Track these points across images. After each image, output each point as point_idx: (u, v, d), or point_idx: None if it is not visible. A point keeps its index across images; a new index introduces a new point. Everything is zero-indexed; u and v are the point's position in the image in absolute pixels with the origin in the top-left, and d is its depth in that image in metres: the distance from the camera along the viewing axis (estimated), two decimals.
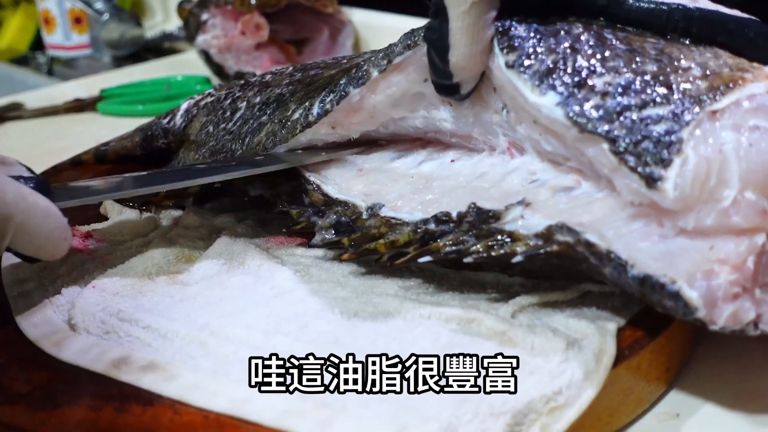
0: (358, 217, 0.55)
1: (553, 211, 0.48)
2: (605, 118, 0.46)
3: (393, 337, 0.47)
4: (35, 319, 0.52)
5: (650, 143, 0.44)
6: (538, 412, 0.42)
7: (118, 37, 1.37)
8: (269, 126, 0.63)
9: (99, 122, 1.04)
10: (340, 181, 0.58)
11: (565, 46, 0.49)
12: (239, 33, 1.06)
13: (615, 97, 0.46)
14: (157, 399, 0.45)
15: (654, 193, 0.44)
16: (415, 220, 0.52)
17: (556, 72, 0.48)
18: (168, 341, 0.49)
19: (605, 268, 0.45)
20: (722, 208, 0.43)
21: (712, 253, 0.43)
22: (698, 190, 0.43)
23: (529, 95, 0.49)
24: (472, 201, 0.51)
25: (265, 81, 0.69)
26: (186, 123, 0.72)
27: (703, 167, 0.43)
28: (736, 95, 0.44)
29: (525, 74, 0.49)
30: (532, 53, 0.49)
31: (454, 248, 0.49)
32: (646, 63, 0.47)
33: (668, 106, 0.45)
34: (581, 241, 0.46)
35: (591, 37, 0.49)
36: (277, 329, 0.48)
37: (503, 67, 0.50)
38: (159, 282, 0.55)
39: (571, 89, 0.47)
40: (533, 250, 0.47)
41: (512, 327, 0.46)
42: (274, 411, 0.42)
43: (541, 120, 0.49)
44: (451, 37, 0.50)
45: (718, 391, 0.48)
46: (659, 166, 0.44)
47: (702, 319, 0.42)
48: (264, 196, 0.59)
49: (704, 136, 0.43)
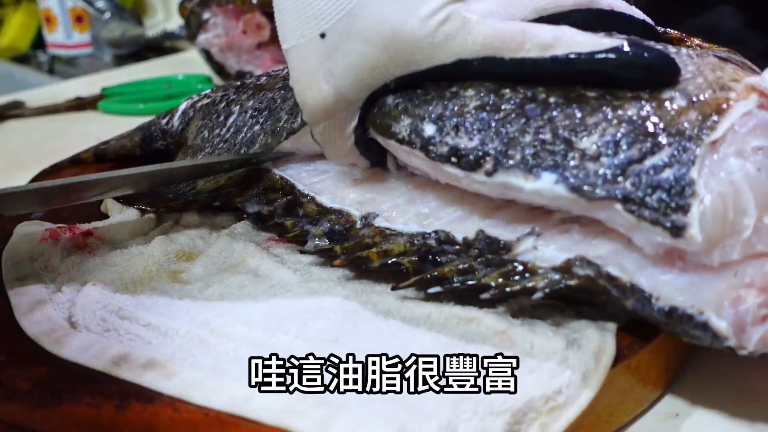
0: (351, 225, 0.55)
1: (567, 243, 0.47)
2: (609, 180, 0.44)
3: (393, 335, 0.47)
4: (35, 317, 0.52)
5: (663, 192, 0.43)
6: (537, 411, 0.42)
7: (119, 36, 1.37)
8: (262, 137, 0.63)
9: (100, 121, 1.04)
10: (335, 191, 0.58)
11: (537, 118, 0.47)
12: (240, 32, 1.06)
13: (611, 156, 0.44)
14: (157, 397, 0.45)
15: (680, 241, 0.43)
16: (411, 231, 0.52)
17: (541, 150, 0.46)
18: (168, 339, 0.49)
19: (628, 300, 0.44)
20: (745, 238, 0.42)
21: (737, 279, 0.42)
22: (721, 226, 0.42)
23: (524, 185, 0.47)
24: (474, 223, 0.50)
25: (259, 83, 0.69)
26: (183, 126, 0.72)
27: (719, 203, 0.42)
28: (729, 120, 0.44)
29: (512, 168, 0.47)
30: (509, 145, 0.47)
31: (466, 278, 0.48)
32: (625, 107, 0.45)
33: (668, 150, 0.44)
34: (602, 273, 0.45)
35: (555, 96, 0.47)
36: (277, 327, 0.48)
37: (485, 180, 0.48)
38: (159, 280, 0.55)
39: (563, 162, 0.46)
40: (554, 285, 0.46)
41: (512, 326, 0.46)
42: (274, 409, 0.42)
43: (543, 201, 0.48)
44: (319, 144, 0.56)
45: (717, 391, 0.48)
46: (679, 214, 0.42)
47: (731, 346, 0.42)
48: (261, 212, 0.59)
49: (712, 171, 0.43)
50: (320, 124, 0.54)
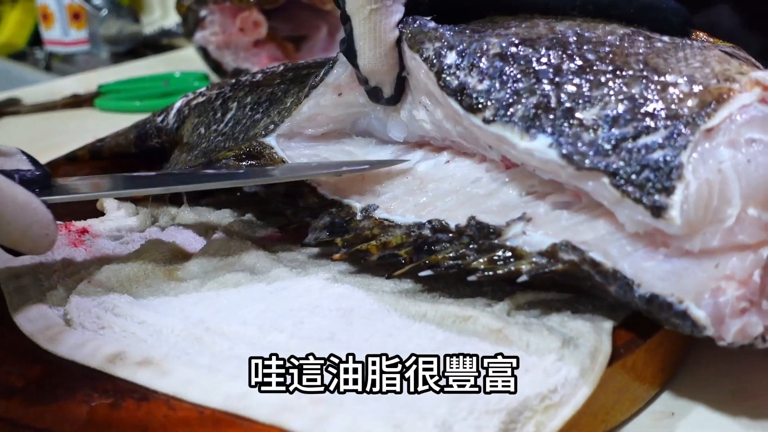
0: (352, 218, 0.55)
1: (555, 228, 0.48)
2: (601, 152, 0.45)
3: (389, 334, 0.47)
4: (31, 314, 0.52)
5: (651, 172, 0.44)
6: (533, 410, 0.42)
7: (116, 33, 1.37)
8: (265, 119, 0.62)
9: (96, 118, 1.04)
10: (336, 182, 0.58)
11: (546, 81, 0.48)
12: (238, 30, 1.06)
13: (607, 129, 0.45)
14: (152, 394, 0.45)
15: (660, 222, 0.43)
16: (408, 223, 0.52)
17: (542, 112, 0.47)
18: (163, 337, 0.49)
19: (611, 286, 0.45)
20: (727, 227, 0.43)
21: (718, 270, 0.43)
22: (702, 213, 0.43)
23: (518, 143, 0.48)
24: (468, 210, 0.50)
25: (255, 81, 0.69)
26: (178, 124, 0.72)
27: (705, 190, 0.43)
28: (727, 110, 0.44)
29: (510, 123, 0.48)
30: (513, 99, 0.48)
31: (456, 263, 0.49)
32: (631, 85, 0.46)
33: (663, 132, 0.44)
34: (586, 259, 0.45)
35: (569, 63, 0.48)
36: (272, 325, 0.48)
37: (482, 125, 0.49)
38: (155, 278, 0.55)
39: (560, 128, 0.46)
40: (538, 269, 0.46)
41: (508, 325, 0.46)
42: (270, 407, 0.42)
43: (533, 162, 0.48)
44: (356, 43, 0.54)
45: (713, 390, 0.48)
46: (662, 195, 0.43)
47: (711, 336, 0.42)
48: (258, 193, 0.59)
49: (702, 158, 0.43)
50: (366, 8, 0.53)
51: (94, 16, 1.37)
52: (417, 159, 0.58)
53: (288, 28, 1.12)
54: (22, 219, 0.48)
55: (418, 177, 0.57)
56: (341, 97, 0.58)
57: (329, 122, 0.60)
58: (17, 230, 0.48)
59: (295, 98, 0.61)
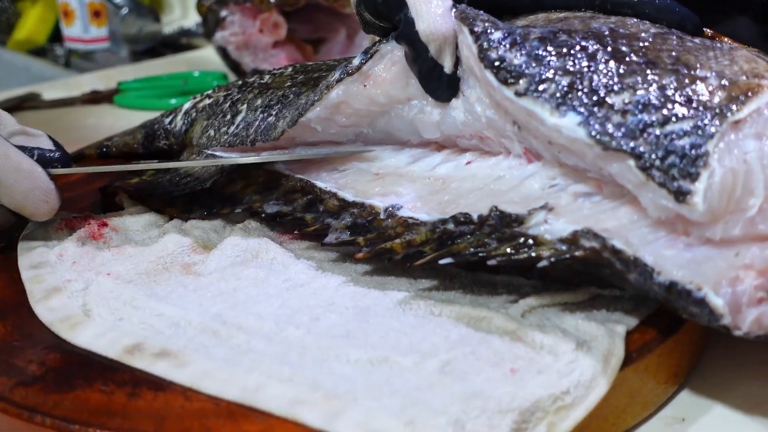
0: (375, 217, 0.55)
1: (577, 216, 0.48)
2: (629, 135, 0.46)
3: (404, 332, 0.47)
4: (50, 304, 0.53)
5: (677, 158, 0.44)
6: (545, 411, 0.42)
7: (136, 32, 1.38)
8: (281, 122, 0.62)
9: (115, 115, 1.04)
10: (356, 186, 0.58)
11: (580, 64, 0.49)
12: (257, 31, 1.07)
13: (636, 114, 0.46)
14: (168, 385, 0.45)
15: (683, 207, 0.44)
16: (433, 220, 0.52)
17: (573, 92, 0.48)
18: (181, 330, 0.49)
19: (630, 274, 0.45)
20: (749, 217, 0.43)
21: (738, 259, 0.43)
22: (725, 201, 0.43)
23: (548, 118, 0.48)
24: (490, 203, 0.51)
25: (264, 82, 0.69)
26: (186, 126, 0.72)
27: (729, 179, 0.43)
28: (756, 103, 0.45)
29: (541, 98, 0.49)
30: (546, 76, 0.49)
31: (477, 250, 0.49)
32: (662, 76, 0.47)
33: (691, 120, 0.45)
34: (607, 246, 0.46)
35: (603, 52, 0.49)
36: (289, 321, 0.49)
37: (513, 98, 0.50)
38: (173, 271, 0.56)
39: (591, 108, 0.47)
40: (559, 255, 0.47)
41: (522, 326, 0.46)
42: (283, 400, 0.43)
43: (560, 140, 0.49)
44: (412, 10, 0.54)
45: (724, 396, 0.48)
46: (687, 180, 0.44)
47: (727, 325, 0.43)
48: (281, 211, 0.59)
49: (728, 148, 0.44)
50: None
51: (114, 14, 1.38)
52: (437, 162, 0.58)
53: (307, 30, 1.12)
54: (25, 184, 0.56)
55: (440, 178, 0.57)
56: (366, 89, 0.58)
57: (351, 115, 0.59)
58: (20, 193, 0.57)
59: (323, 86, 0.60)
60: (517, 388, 0.42)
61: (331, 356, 0.46)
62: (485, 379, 0.43)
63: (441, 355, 0.45)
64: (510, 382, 0.43)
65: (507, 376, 0.43)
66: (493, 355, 0.45)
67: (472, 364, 0.44)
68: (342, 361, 0.45)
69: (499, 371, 0.44)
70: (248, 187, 0.63)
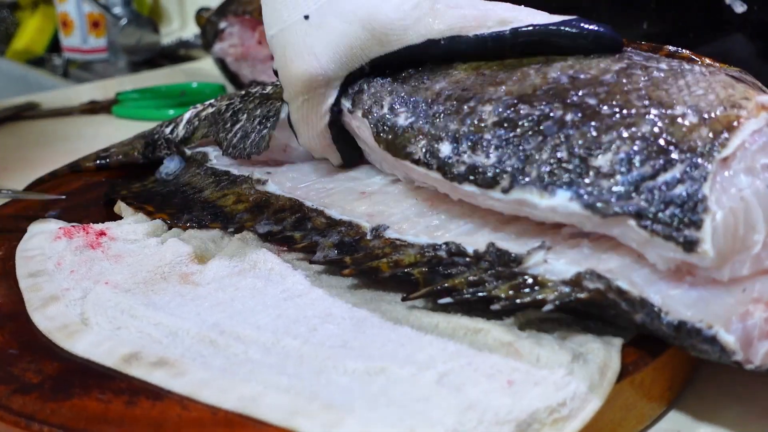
0: (361, 237, 0.55)
1: (577, 257, 0.48)
2: (623, 197, 0.45)
3: (401, 343, 0.47)
4: (48, 312, 0.53)
5: (676, 208, 0.43)
6: (541, 423, 0.42)
7: (134, 43, 1.38)
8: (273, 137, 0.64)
9: (113, 125, 1.05)
10: (344, 204, 0.58)
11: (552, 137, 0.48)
12: (256, 42, 1.07)
13: (624, 173, 0.45)
14: (166, 394, 0.45)
15: (693, 256, 0.43)
16: (421, 243, 0.52)
17: (555, 168, 0.47)
18: (178, 339, 0.49)
19: (637, 314, 0.45)
20: (755, 254, 0.43)
21: (746, 294, 0.43)
22: (731, 242, 0.43)
23: (539, 202, 0.47)
24: (485, 236, 0.51)
25: (266, 93, 0.70)
26: (189, 135, 0.73)
27: (731, 219, 0.43)
28: (740, 137, 0.44)
29: (528, 185, 0.48)
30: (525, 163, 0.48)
31: (477, 290, 0.48)
32: (639, 124, 0.46)
33: (680, 165, 0.44)
34: (612, 288, 0.45)
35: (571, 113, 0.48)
36: (286, 331, 0.49)
37: (502, 197, 0.49)
38: (171, 281, 0.56)
39: (577, 180, 0.46)
40: (564, 297, 0.46)
41: (519, 338, 0.46)
42: (281, 410, 0.43)
43: (557, 218, 0.48)
44: (293, 125, 0.61)
45: (719, 411, 0.48)
46: (692, 229, 0.43)
47: (739, 361, 0.42)
48: (272, 230, 0.59)
49: (723, 187, 0.43)
50: (299, 98, 0.58)
51: (113, 25, 1.38)
52: None
53: None
54: None
55: (428, 199, 0.57)
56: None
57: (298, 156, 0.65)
58: None
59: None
60: (513, 400, 0.42)
61: (328, 366, 0.46)
62: (482, 390, 0.43)
63: (438, 367, 0.45)
64: (507, 394, 0.43)
65: (504, 388, 0.43)
66: (490, 366, 0.45)
67: (469, 376, 0.44)
68: (339, 371, 0.46)
69: (496, 383, 0.44)
70: (239, 204, 0.63)
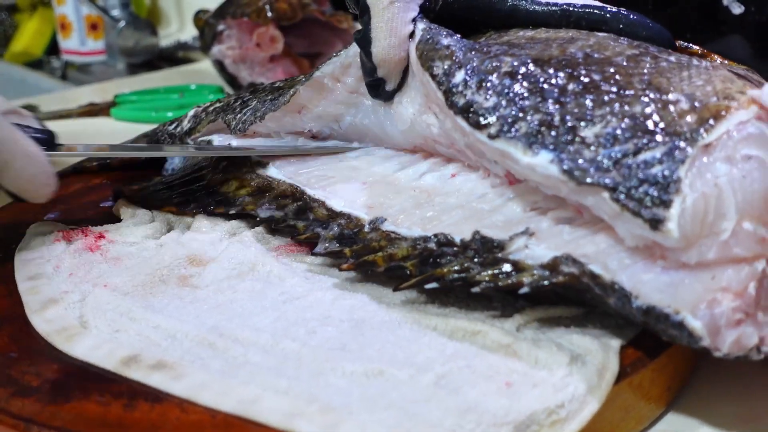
0: (360, 229, 0.56)
1: (557, 242, 0.49)
2: (601, 168, 0.46)
3: (399, 346, 0.48)
4: (47, 315, 0.53)
5: (649, 186, 0.44)
6: (539, 424, 0.42)
7: (133, 45, 1.38)
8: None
9: (112, 127, 1.05)
10: (344, 195, 0.60)
11: (551, 100, 0.49)
12: (254, 45, 1.07)
13: (608, 146, 0.46)
14: (165, 397, 0.45)
15: (658, 234, 0.44)
16: (414, 236, 0.53)
17: (545, 129, 0.48)
18: (177, 342, 0.49)
19: (610, 298, 0.46)
20: (722, 240, 0.43)
21: (714, 282, 0.43)
22: (699, 226, 0.44)
23: (521, 158, 0.49)
24: (473, 225, 0.52)
25: (275, 87, 0.71)
26: (194, 126, 0.73)
27: (701, 203, 0.43)
28: (725, 126, 0.45)
29: (514, 138, 0.49)
30: (518, 115, 0.49)
31: (461, 276, 0.50)
32: (633, 104, 0.47)
33: (662, 147, 0.45)
34: (586, 272, 0.46)
35: (574, 83, 0.49)
36: (285, 333, 0.49)
37: (486, 141, 0.50)
38: (170, 284, 0.56)
39: (562, 145, 0.47)
40: (539, 281, 0.47)
41: (517, 340, 0.47)
42: (280, 413, 0.43)
43: (535, 177, 0.49)
44: (373, 32, 0.58)
45: (718, 411, 0.48)
46: (660, 208, 0.44)
47: (706, 347, 0.43)
48: (273, 216, 0.61)
49: (699, 172, 0.44)
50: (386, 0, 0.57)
51: (111, 27, 1.38)
52: (423, 170, 0.60)
53: (304, 45, 1.13)
54: (31, 168, 0.57)
55: (426, 190, 0.58)
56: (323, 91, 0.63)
57: (312, 119, 0.65)
58: (25, 177, 0.57)
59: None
60: (512, 402, 0.43)
61: (327, 369, 0.46)
62: (480, 392, 0.43)
63: (436, 369, 0.45)
64: (505, 396, 0.43)
65: (502, 390, 0.43)
66: (488, 368, 0.45)
67: (468, 378, 0.44)
68: (338, 373, 0.46)
69: (494, 385, 0.44)
70: (241, 189, 0.65)
